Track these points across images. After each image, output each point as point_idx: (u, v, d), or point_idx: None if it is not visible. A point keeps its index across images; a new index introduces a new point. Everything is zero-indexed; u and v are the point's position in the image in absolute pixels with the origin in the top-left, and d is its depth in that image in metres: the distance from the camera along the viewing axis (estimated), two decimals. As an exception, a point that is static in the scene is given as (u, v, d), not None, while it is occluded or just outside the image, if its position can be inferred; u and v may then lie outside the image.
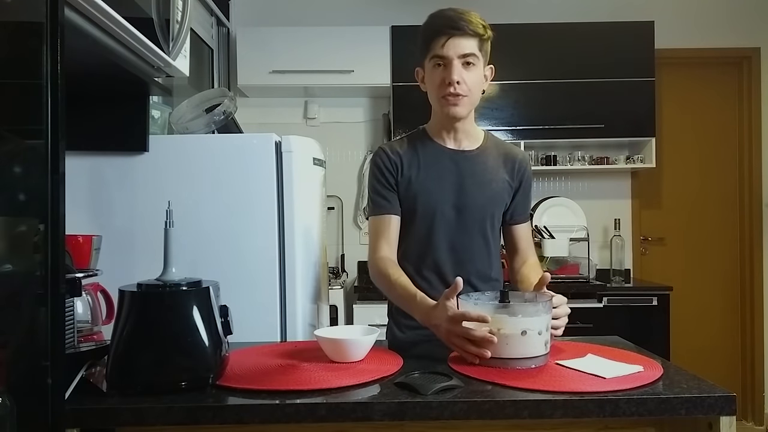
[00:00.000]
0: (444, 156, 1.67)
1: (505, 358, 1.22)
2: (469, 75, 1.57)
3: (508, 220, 1.73)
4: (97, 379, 1.15)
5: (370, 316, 3.05)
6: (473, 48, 1.56)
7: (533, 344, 1.22)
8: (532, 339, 1.22)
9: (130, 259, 1.68)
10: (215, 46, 3.51)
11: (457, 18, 1.56)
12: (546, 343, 1.25)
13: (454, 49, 1.55)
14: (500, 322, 1.23)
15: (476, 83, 1.60)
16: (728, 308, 3.91)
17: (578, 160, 3.70)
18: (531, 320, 1.22)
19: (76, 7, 1.13)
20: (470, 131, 1.69)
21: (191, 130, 1.86)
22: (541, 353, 1.24)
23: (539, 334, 1.23)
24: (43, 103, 0.92)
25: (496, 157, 1.69)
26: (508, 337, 1.22)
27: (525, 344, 1.22)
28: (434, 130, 1.70)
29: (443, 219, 1.63)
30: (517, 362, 1.22)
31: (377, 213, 1.66)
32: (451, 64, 1.55)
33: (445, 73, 1.56)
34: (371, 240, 1.67)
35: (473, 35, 1.56)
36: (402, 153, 1.67)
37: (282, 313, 1.77)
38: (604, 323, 3.19)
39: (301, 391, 1.09)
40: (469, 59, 1.56)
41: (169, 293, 1.14)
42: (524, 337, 1.22)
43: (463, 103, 1.59)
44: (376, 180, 1.67)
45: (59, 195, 0.94)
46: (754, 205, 3.87)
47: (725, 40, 3.81)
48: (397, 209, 1.65)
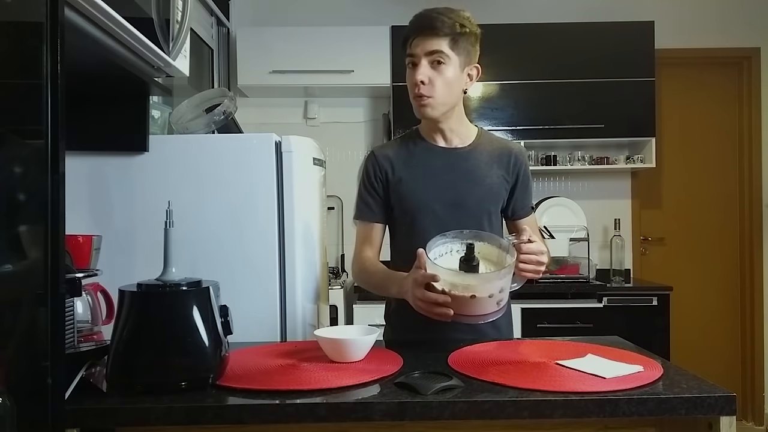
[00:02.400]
0: (436, 155, 1.67)
1: (457, 314, 1.31)
2: (438, 75, 1.55)
3: (511, 216, 1.71)
4: (97, 379, 1.15)
5: (370, 316, 3.04)
6: (441, 46, 1.54)
7: (482, 305, 1.31)
8: (482, 301, 1.30)
9: (130, 259, 1.67)
10: (215, 46, 3.51)
11: (432, 17, 1.54)
12: (499, 302, 1.33)
13: (421, 47, 1.55)
14: (452, 286, 1.30)
15: (445, 84, 1.56)
16: (728, 308, 3.91)
17: (578, 160, 3.71)
18: (481, 286, 1.29)
19: (76, 7, 1.13)
20: (459, 130, 1.68)
21: (191, 130, 1.86)
22: (491, 311, 1.33)
23: (489, 297, 1.30)
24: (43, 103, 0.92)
25: (490, 152, 1.68)
26: (458, 298, 1.30)
27: (475, 305, 1.31)
28: (425, 130, 1.71)
29: (438, 218, 1.62)
30: (467, 318, 1.34)
31: (360, 218, 1.71)
32: (420, 63, 1.55)
33: (413, 72, 1.57)
34: (356, 244, 1.72)
35: (444, 34, 1.53)
36: (392, 155, 1.68)
37: (282, 313, 1.77)
38: (604, 323, 3.19)
39: (301, 391, 1.09)
40: (438, 57, 1.54)
41: (169, 293, 1.14)
42: (474, 300, 1.30)
43: (430, 104, 1.57)
44: (363, 185, 1.70)
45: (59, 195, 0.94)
46: (754, 205, 3.87)
47: (725, 40, 3.81)
48: (380, 216, 1.69)
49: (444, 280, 1.30)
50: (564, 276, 3.44)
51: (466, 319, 1.35)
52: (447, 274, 1.31)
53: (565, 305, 3.21)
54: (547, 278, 3.36)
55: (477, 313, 1.33)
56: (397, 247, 1.71)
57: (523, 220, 1.71)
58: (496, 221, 1.69)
